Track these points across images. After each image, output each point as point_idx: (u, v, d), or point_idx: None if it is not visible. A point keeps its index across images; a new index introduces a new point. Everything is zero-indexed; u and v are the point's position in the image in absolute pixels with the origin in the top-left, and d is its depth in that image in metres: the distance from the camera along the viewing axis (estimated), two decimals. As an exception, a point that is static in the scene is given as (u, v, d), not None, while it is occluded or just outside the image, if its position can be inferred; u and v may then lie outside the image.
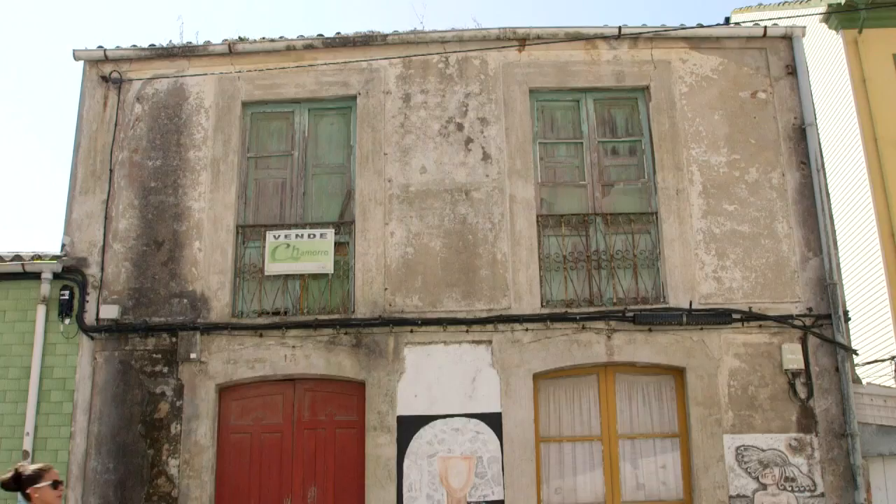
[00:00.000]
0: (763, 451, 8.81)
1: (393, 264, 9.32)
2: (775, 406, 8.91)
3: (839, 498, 8.68)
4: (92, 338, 9.27)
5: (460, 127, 9.74)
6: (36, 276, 9.38)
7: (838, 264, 9.37)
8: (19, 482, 5.27)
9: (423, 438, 8.83)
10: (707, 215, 9.41)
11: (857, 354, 9.66)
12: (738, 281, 9.24)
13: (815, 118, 9.74)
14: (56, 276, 9.39)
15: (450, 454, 8.79)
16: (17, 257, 9.43)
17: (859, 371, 10.02)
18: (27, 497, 5.27)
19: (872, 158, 11.65)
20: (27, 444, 8.98)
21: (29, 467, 5.38)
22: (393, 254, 9.34)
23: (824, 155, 9.99)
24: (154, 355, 9.22)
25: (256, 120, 10.03)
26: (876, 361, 11.69)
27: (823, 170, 9.57)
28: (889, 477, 8.90)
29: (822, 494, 8.70)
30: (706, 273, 9.25)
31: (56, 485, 5.30)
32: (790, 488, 8.72)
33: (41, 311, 9.33)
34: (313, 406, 9.14)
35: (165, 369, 9.17)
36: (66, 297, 9.32)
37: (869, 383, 9.88)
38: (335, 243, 9.38)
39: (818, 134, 9.72)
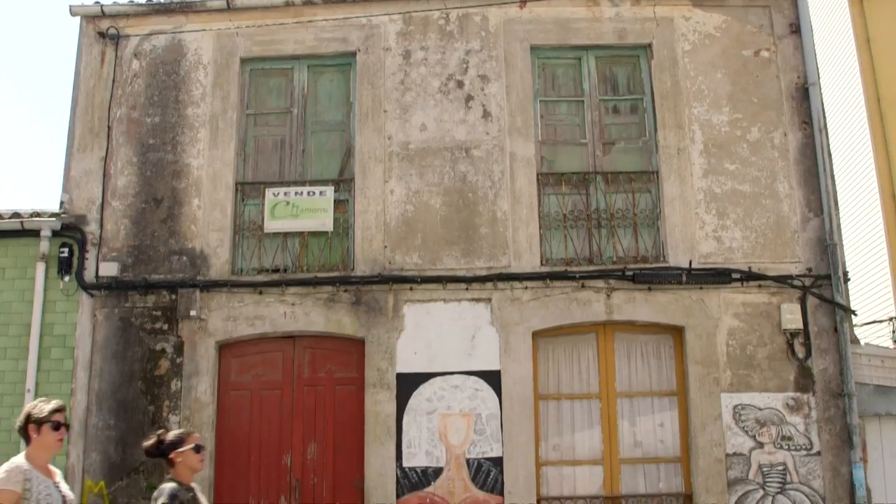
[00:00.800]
0: (760, 409, 8.85)
1: (392, 222, 9.29)
2: (773, 365, 8.94)
3: (835, 457, 8.74)
4: (92, 295, 9.27)
5: (461, 84, 9.66)
6: (35, 233, 9.36)
7: (839, 225, 9.34)
8: (162, 448, 5.37)
9: (422, 395, 8.88)
10: (708, 175, 9.37)
11: (855, 315, 9.70)
12: (738, 241, 9.22)
13: (819, 78, 9.65)
14: (55, 233, 9.36)
15: (449, 411, 8.84)
16: (16, 215, 9.40)
17: (858, 331, 10.04)
18: (170, 462, 5.36)
19: (875, 119, 11.58)
20: (28, 401, 8.99)
21: (170, 433, 5.47)
22: (393, 211, 9.31)
23: (827, 115, 9.90)
24: (154, 312, 9.23)
25: (255, 76, 9.94)
26: (874, 322, 11.71)
27: (826, 130, 9.51)
28: (885, 436, 8.96)
29: (819, 453, 8.76)
30: (706, 232, 9.23)
31: (198, 449, 5.41)
32: (787, 447, 8.78)
33: (40, 268, 9.32)
34: (313, 363, 9.18)
35: (165, 326, 9.19)
36: (66, 255, 9.30)
37: (867, 344, 9.92)
38: (335, 201, 9.35)
39: (821, 94, 9.63)
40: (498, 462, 8.72)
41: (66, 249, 9.33)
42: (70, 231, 9.41)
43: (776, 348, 8.99)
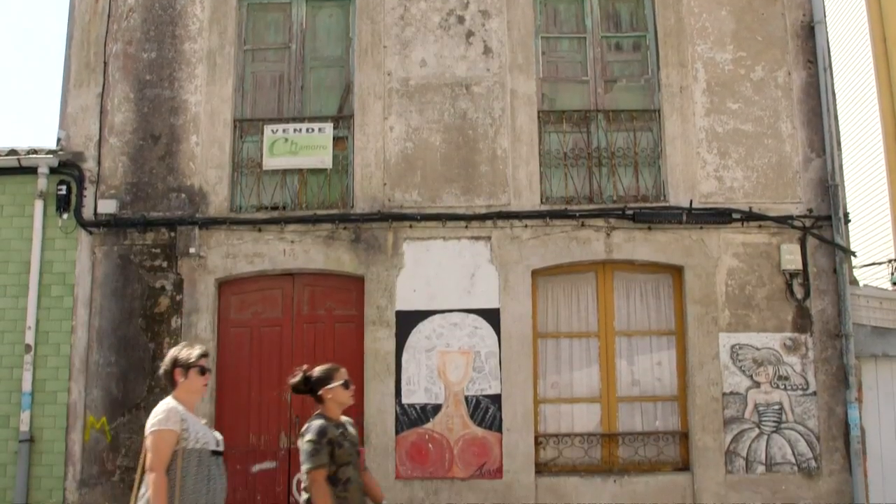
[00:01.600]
0: (758, 349, 8.90)
1: (392, 159, 9.23)
2: (772, 306, 8.96)
3: (830, 397, 8.82)
4: (90, 232, 9.25)
5: (461, 20, 9.51)
6: (32, 170, 9.31)
7: (841, 166, 9.28)
8: (310, 384, 5.33)
9: (421, 333, 8.91)
10: (710, 113, 9.28)
11: (855, 256, 9.69)
12: (740, 180, 9.17)
13: (825, 16, 9.50)
14: (53, 170, 9.32)
15: (448, 349, 8.89)
16: (13, 152, 9.33)
17: (857, 273, 10.05)
18: (319, 399, 5.33)
19: (880, 59, 11.45)
20: (29, 338, 9.06)
21: (315, 369, 5.40)
22: (392, 149, 9.25)
23: (832, 54, 9.79)
24: (153, 250, 9.22)
25: (253, 11, 9.78)
26: (874, 264, 11.73)
27: (830, 69, 9.40)
28: (880, 377, 9.03)
29: (814, 393, 8.83)
30: (707, 172, 9.17)
31: (347, 384, 5.35)
32: (783, 386, 8.85)
33: (39, 205, 9.29)
34: (312, 300, 9.20)
35: (164, 264, 9.18)
36: (64, 192, 9.26)
37: (866, 285, 9.92)
38: (334, 138, 9.28)
39: (827, 32, 9.49)
40: (496, 399, 8.79)
41: (64, 187, 9.29)
42: (68, 168, 9.36)
43: (775, 289, 9.00)
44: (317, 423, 5.13)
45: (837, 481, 8.69)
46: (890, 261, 11.28)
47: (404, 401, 8.83)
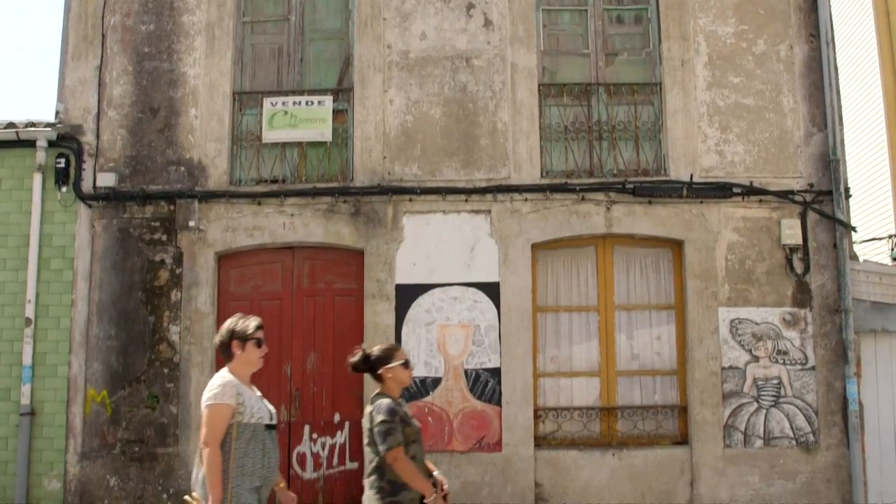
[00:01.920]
0: (757, 324, 8.91)
1: (392, 132, 9.19)
2: (771, 280, 8.96)
3: (829, 371, 8.83)
4: (90, 206, 9.23)
5: (462, -8, 9.44)
6: (31, 143, 9.29)
7: (842, 140, 9.24)
8: (370, 363, 5.33)
9: (421, 306, 8.92)
10: (712, 87, 9.23)
11: (855, 231, 9.67)
12: (741, 155, 9.14)
13: (828, -11, 9.46)
14: (51, 143, 9.29)
15: (448, 322, 8.89)
16: (11, 125, 9.30)
17: (857, 248, 10.05)
18: (379, 378, 5.33)
19: (883, 33, 11.38)
20: (29, 312, 9.06)
21: (375, 348, 5.41)
22: (392, 122, 9.20)
23: (834, 28, 9.71)
24: (152, 223, 9.20)
25: (251, -18, 9.72)
26: (874, 239, 11.72)
27: (833, 43, 9.34)
28: (879, 352, 9.04)
29: (813, 368, 8.85)
30: (708, 146, 9.14)
31: (407, 364, 5.36)
32: (782, 361, 8.87)
33: (37, 179, 9.27)
34: (312, 274, 9.20)
35: (164, 237, 9.17)
36: (62, 165, 9.24)
37: (866, 260, 9.91)
38: (333, 111, 9.24)
39: (829, 6, 9.42)
40: (496, 373, 8.81)
41: (63, 160, 9.26)
42: (66, 141, 9.33)
43: (775, 263, 9.00)
44: (385, 402, 5.18)
45: (835, 455, 8.72)
46: (890, 236, 11.27)
47: (404, 374, 8.84)
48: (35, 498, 8.87)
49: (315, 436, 8.97)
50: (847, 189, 9.18)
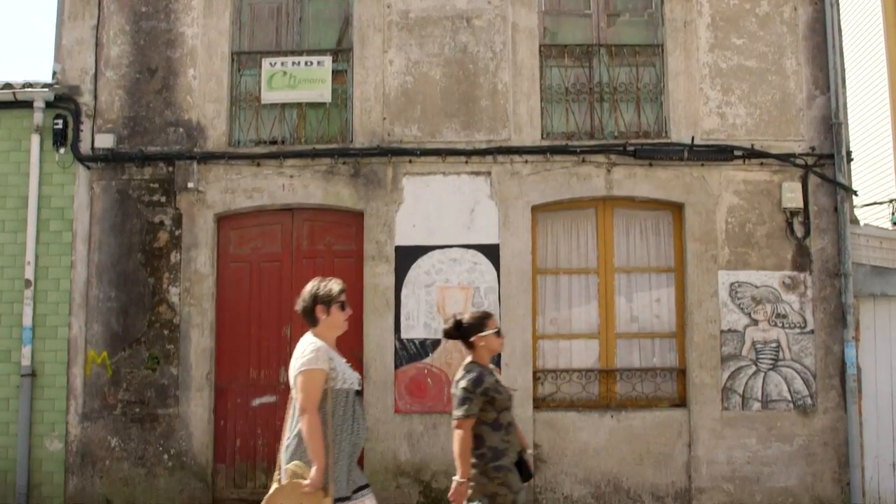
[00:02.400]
0: (757, 287, 8.91)
1: (392, 93, 9.12)
2: (771, 244, 8.95)
3: (828, 335, 8.85)
4: (88, 167, 9.18)
5: (462, -50, 9.32)
6: (28, 104, 9.22)
7: (845, 104, 9.18)
8: (462, 331, 5.38)
9: (420, 268, 8.91)
10: (714, 49, 9.14)
11: (856, 195, 9.64)
12: (742, 117, 9.08)
13: (833, -52, 9.34)
14: (49, 104, 9.22)
15: (447, 284, 8.89)
16: (8, 85, 9.23)
17: (858, 212, 10.00)
18: (470, 346, 5.38)
19: (888, -5, 11.28)
20: (28, 273, 9.05)
21: (466, 316, 5.47)
22: (392, 83, 9.13)
23: (838, -10, 9.62)
24: (151, 185, 9.17)
25: (250, -60, 9.59)
26: (875, 203, 11.69)
27: (837, 5, 9.25)
28: (878, 316, 9.05)
29: (812, 331, 8.86)
30: (710, 108, 9.08)
31: (499, 332, 5.43)
32: (781, 324, 8.88)
33: (35, 140, 9.21)
34: (312, 235, 9.18)
35: (163, 199, 9.14)
36: (60, 127, 9.18)
37: (866, 224, 9.91)
38: (333, 71, 9.16)
39: (834, -34, 9.34)
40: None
41: (61, 121, 9.19)
42: (64, 102, 9.25)
43: (775, 227, 8.98)
44: (474, 372, 5.26)
45: (832, 419, 8.76)
46: (891, 200, 11.24)
47: (403, 336, 8.86)
48: (37, 458, 8.93)
49: (315, 397, 8.99)
50: (849, 152, 9.14)
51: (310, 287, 4.91)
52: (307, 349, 4.74)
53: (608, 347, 8.99)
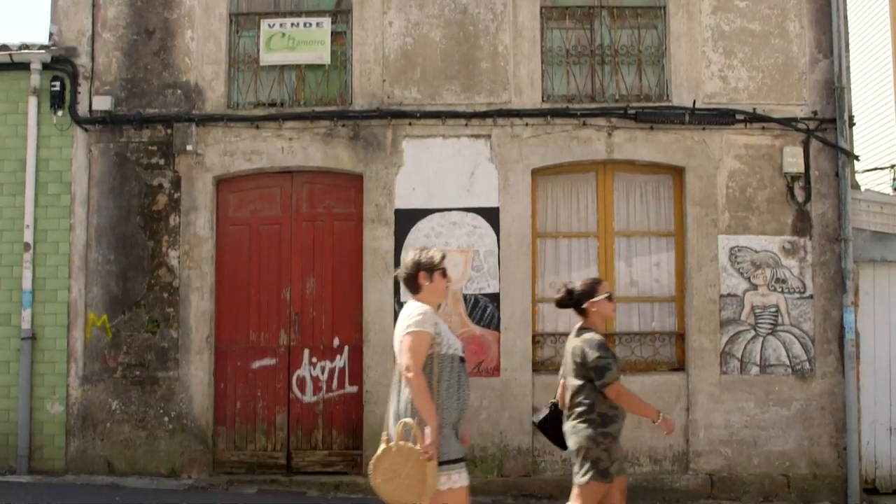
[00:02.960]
0: (756, 252, 8.89)
1: (391, 55, 9.04)
2: (772, 209, 8.92)
3: (827, 300, 8.85)
4: (86, 129, 9.13)
5: None
6: (25, 66, 9.15)
7: (848, 68, 9.10)
8: (574, 298, 5.51)
9: (420, 231, 8.88)
10: (717, 11, 9.05)
11: (858, 160, 9.58)
12: (745, 81, 9.01)
13: None
14: (45, 66, 9.16)
15: (447, 247, 8.86)
16: (4, 47, 9.17)
17: (859, 178, 9.98)
18: (583, 312, 5.50)
19: (892, -42, 11.16)
20: (27, 237, 9.04)
21: (578, 283, 5.59)
22: (391, 44, 9.05)
23: (843, -49, 9.50)
24: (150, 147, 9.12)
25: None
26: (876, 169, 11.65)
27: (842, -34, 9.17)
28: (878, 282, 9.05)
29: (811, 296, 8.86)
30: (712, 72, 9.01)
31: (611, 297, 5.54)
32: (780, 289, 8.88)
33: (32, 102, 9.16)
34: (311, 198, 9.15)
35: (162, 161, 9.10)
36: (57, 89, 9.13)
37: (867, 190, 9.89)
38: (332, 33, 9.07)
39: (839, -73, 9.22)
40: (495, 298, 8.82)
41: (58, 83, 9.15)
42: (61, 64, 9.18)
43: (776, 191, 8.94)
44: (597, 337, 5.41)
45: (830, 383, 8.79)
46: (892, 166, 11.21)
47: (403, 299, 8.82)
48: (38, 421, 8.97)
49: (315, 360, 9.02)
50: (851, 117, 9.09)
51: (411, 255, 5.00)
52: (414, 312, 4.78)
53: (608, 311, 8.99)
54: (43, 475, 8.84)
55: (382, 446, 4.73)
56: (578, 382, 5.44)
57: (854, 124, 9.24)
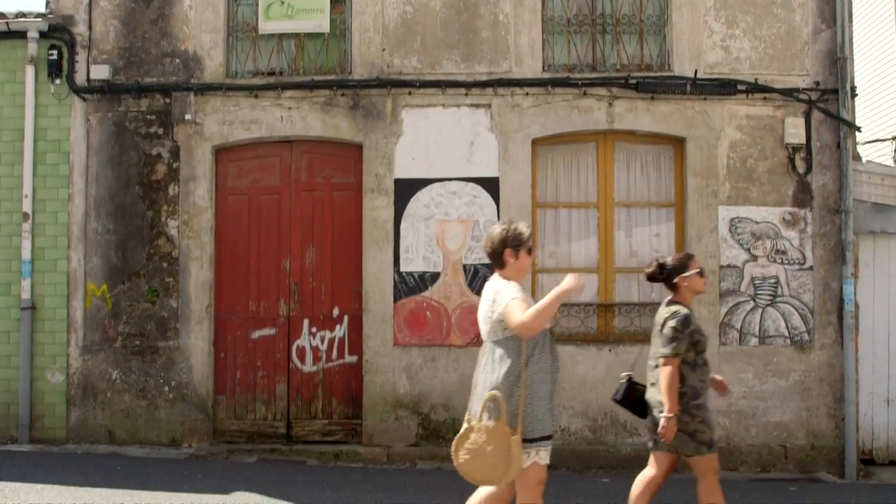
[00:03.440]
0: (757, 223, 8.88)
1: (391, 24, 8.97)
2: (773, 180, 8.89)
3: (827, 272, 8.84)
4: (84, 99, 9.09)
5: None
6: (21, 35, 9.08)
7: (851, 38, 9.04)
8: (665, 272, 5.60)
9: (420, 201, 8.87)
10: (719, -20, 8.99)
11: (859, 131, 9.53)
12: (747, 51, 8.95)
13: None
14: (42, 35, 9.09)
15: (447, 217, 8.86)
16: (1, 16, 9.09)
17: (860, 149, 9.94)
18: (674, 286, 5.59)
19: (897, -74, 11.04)
20: (26, 207, 9.02)
21: (669, 258, 5.70)
22: (391, 13, 8.97)
23: (847, -82, 9.39)
24: (148, 116, 9.08)
25: None
26: (877, 140, 11.61)
27: (846, -66, 9.07)
28: (877, 254, 9.05)
29: (811, 268, 8.86)
30: (714, 41, 8.94)
31: (701, 273, 5.62)
32: (780, 260, 8.87)
33: (30, 71, 9.10)
34: (310, 168, 9.12)
35: (160, 131, 9.06)
36: (55, 58, 9.07)
37: (868, 161, 9.85)
38: (331, 1, 8.99)
39: None
40: (494, 268, 8.80)
41: (55, 52, 9.08)
42: (58, 33, 9.12)
43: (777, 162, 8.91)
44: (683, 312, 5.49)
45: (829, 355, 8.81)
46: (893, 137, 11.16)
47: (402, 269, 8.86)
48: (39, 391, 9.00)
49: (314, 329, 9.04)
50: (853, 88, 9.03)
51: (499, 230, 4.91)
52: (506, 285, 4.75)
53: (607, 282, 8.99)
54: (44, 444, 8.88)
55: (465, 425, 4.69)
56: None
57: (856, 95, 9.17)
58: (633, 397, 5.75)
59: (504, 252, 4.85)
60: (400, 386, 8.82)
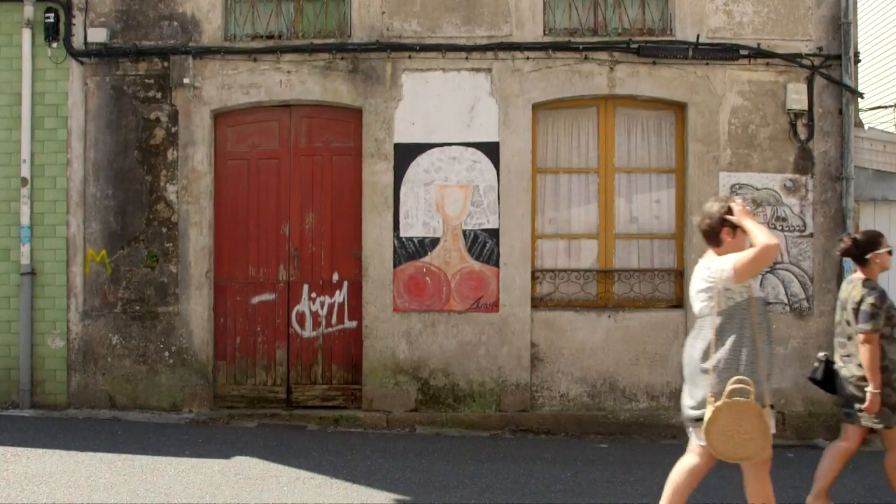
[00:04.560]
0: (757, 189, 8.85)
1: (391, -14, 8.90)
2: (774, 146, 8.85)
3: (827, 239, 8.82)
4: (81, 62, 9.01)
5: None
6: (17, -3, 9.00)
7: (855, 3, 8.95)
8: (859, 248, 5.72)
9: (420, 166, 8.82)
10: (723, -58, 8.88)
11: (862, 98, 9.49)
12: (749, 15, 8.87)
13: None
14: (38, -3, 9.02)
15: (446, 182, 8.82)
16: (-3, -22, 9.00)
17: (862, 116, 9.90)
18: (864, 262, 5.70)
19: None
20: (25, 172, 8.97)
21: (860, 235, 5.83)
22: (391, -26, 8.90)
23: None
24: (146, 80, 9.01)
25: None
26: (880, 107, 11.56)
27: None
28: (878, 221, 9.02)
29: (811, 235, 8.84)
30: (716, 6, 8.85)
31: (891, 252, 5.76)
32: (780, 227, 8.85)
33: (26, 35, 9.00)
34: (310, 132, 9.06)
35: (159, 95, 8.99)
36: (52, 20, 8.95)
37: (870, 128, 9.79)
38: (330, -37, 8.94)
39: None
40: (494, 234, 8.81)
41: (52, 15, 8.97)
42: (54, -6, 9.04)
43: (778, 129, 8.87)
44: (878, 289, 5.61)
45: (827, 322, 8.75)
46: (896, 104, 11.14)
47: (402, 234, 8.84)
48: (39, 356, 9.01)
49: (314, 295, 9.04)
50: (857, 54, 8.96)
51: (717, 208, 4.78)
52: (718, 260, 4.69)
53: (607, 248, 8.98)
54: (45, 409, 8.91)
55: (710, 408, 4.58)
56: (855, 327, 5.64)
57: (859, 61, 9.12)
58: (829, 375, 5.89)
59: (721, 231, 4.74)
60: (399, 351, 8.84)
